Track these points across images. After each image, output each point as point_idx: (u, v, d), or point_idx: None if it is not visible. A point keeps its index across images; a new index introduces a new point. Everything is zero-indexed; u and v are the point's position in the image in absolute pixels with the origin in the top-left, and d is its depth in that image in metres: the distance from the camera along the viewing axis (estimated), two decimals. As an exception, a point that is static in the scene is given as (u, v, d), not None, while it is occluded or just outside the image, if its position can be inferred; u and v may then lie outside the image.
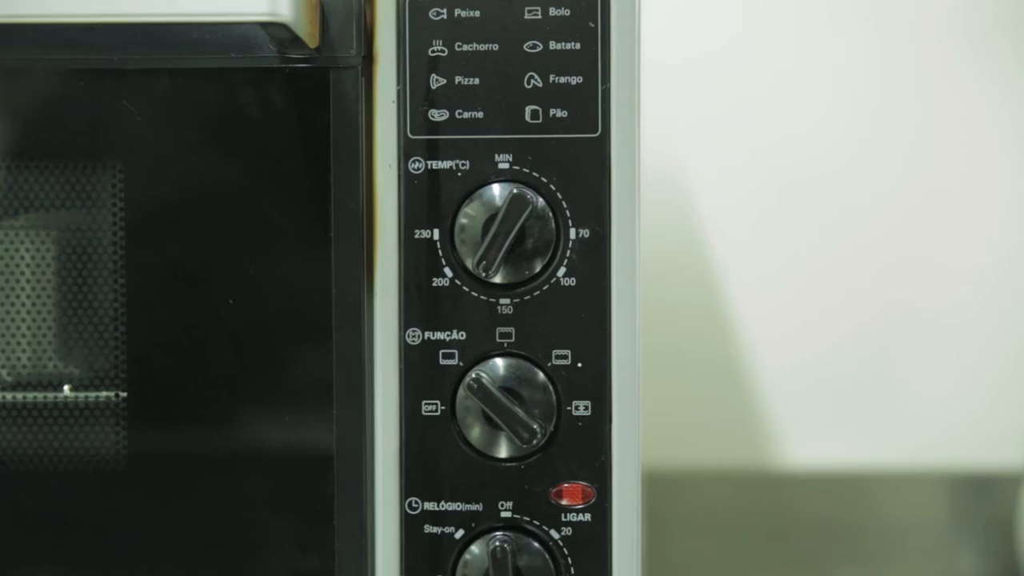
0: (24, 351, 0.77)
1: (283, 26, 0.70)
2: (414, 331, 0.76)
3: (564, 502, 0.75)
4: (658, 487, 1.23)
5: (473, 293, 0.75)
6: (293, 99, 0.75)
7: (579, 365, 0.75)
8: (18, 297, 0.77)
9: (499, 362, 0.75)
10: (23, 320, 0.77)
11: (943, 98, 1.25)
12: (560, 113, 0.75)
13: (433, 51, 0.75)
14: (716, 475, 1.28)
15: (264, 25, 0.72)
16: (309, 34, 0.73)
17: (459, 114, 0.75)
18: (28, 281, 0.77)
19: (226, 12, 0.69)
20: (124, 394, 0.77)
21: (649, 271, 0.96)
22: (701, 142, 1.26)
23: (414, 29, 0.75)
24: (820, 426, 1.28)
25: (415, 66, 0.75)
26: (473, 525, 0.76)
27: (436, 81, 0.75)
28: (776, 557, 1.25)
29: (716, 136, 1.25)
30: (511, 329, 0.75)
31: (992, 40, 1.25)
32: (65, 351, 0.77)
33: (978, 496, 1.27)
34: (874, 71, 1.25)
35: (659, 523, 1.23)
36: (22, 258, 0.77)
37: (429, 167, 0.75)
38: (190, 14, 0.69)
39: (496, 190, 0.75)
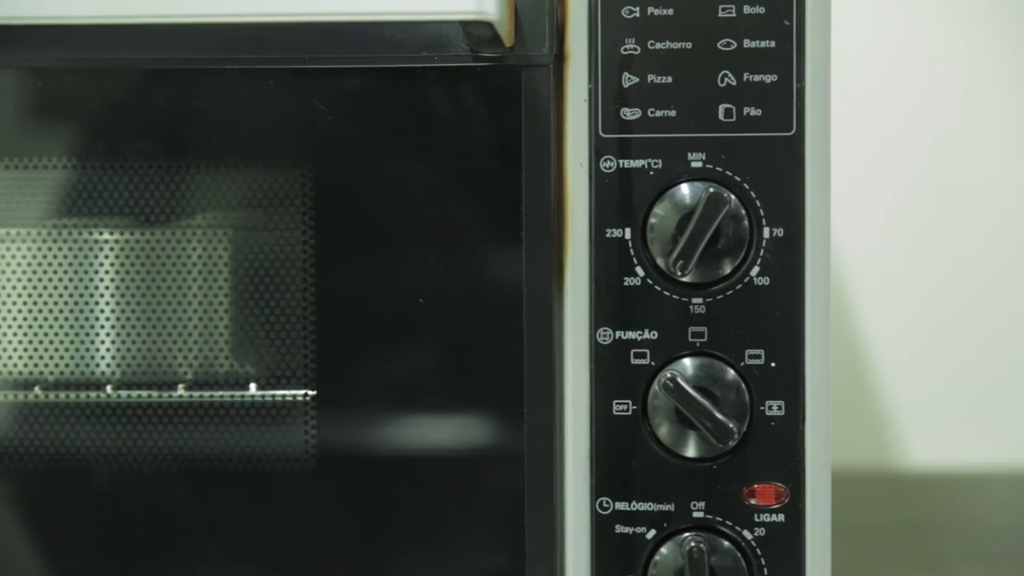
0: (210, 349, 0.78)
1: (486, 24, 0.70)
2: (605, 330, 0.75)
3: (757, 502, 0.75)
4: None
5: (665, 293, 0.75)
6: (484, 98, 0.75)
7: (772, 365, 0.75)
8: (210, 295, 0.77)
9: (691, 361, 0.75)
10: (207, 318, 0.77)
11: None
12: (754, 112, 0.74)
13: (626, 49, 0.75)
14: (840, 475, 1.27)
15: (465, 24, 0.72)
16: (508, 32, 0.72)
17: (651, 113, 0.75)
18: (201, 279, 0.77)
19: (433, 11, 0.69)
20: (313, 393, 0.77)
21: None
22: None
23: (606, 27, 0.75)
24: (943, 427, 1.28)
25: (607, 65, 0.75)
26: (665, 525, 0.75)
27: (628, 80, 0.75)
28: (901, 556, 1.24)
29: (846, 133, 1.25)
30: (703, 328, 0.75)
31: None
32: (252, 350, 0.77)
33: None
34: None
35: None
36: (191, 256, 0.77)
37: (621, 166, 0.75)
38: (397, 12, 0.69)
39: (689, 189, 0.74)
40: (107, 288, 0.78)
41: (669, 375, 0.74)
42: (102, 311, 0.78)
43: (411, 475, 0.76)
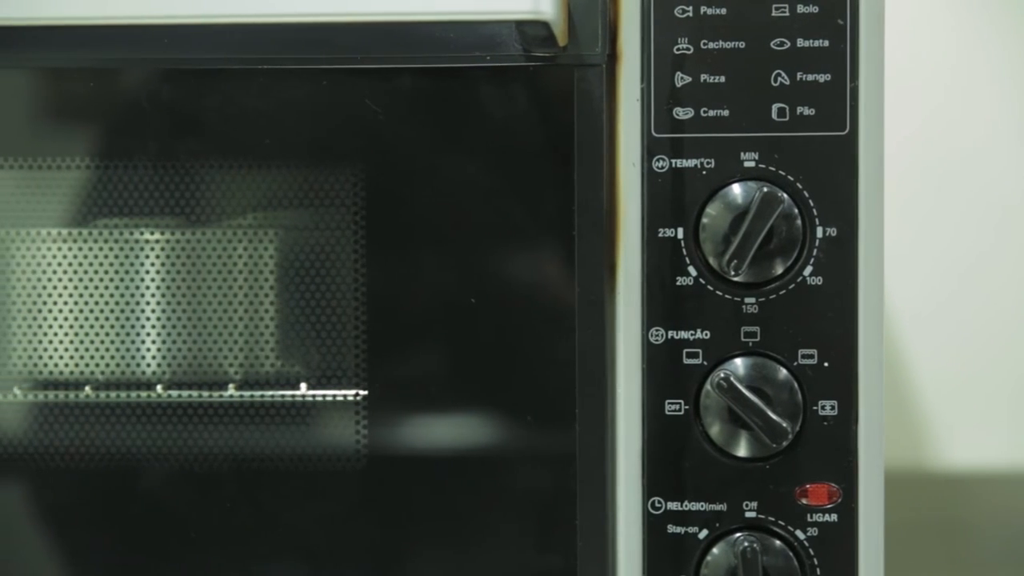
0: (260, 349, 0.78)
1: (542, 24, 0.70)
2: (657, 330, 0.75)
3: (809, 502, 0.75)
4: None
5: (718, 292, 0.75)
6: (537, 97, 0.75)
7: (825, 364, 0.75)
8: (260, 295, 0.77)
9: (743, 361, 0.75)
10: (257, 318, 0.77)
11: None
12: (807, 111, 0.74)
13: (678, 49, 0.74)
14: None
15: (520, 23, 0.72)
16: (562, 32, 0.72)
17: (704, 112, 0.75)
18: (252, 278, 0.77)
19: (490, 11, 0.69)
20: (364, 392, 0.77)
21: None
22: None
23: (659, 27, 0.74)
24: (979, 426, 1.27)
25: (660, 64, 0.75)
26: (717, 525, 0.75)
27: (681, 79, 0.75)
28: (939, 557, 1.24)
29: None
30: (756, 328, 0.75)
31: None
32: (303, 350, 0.77)
33: None
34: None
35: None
36: (243, 256, 0.77)
37: (673, 165, 0.75)
38: (453, 13, 0.69)
39: (742, 188, 0.74)
40: (157, 288, 0.78)
41: (722, 375, 0.74)
42: (152, 311, 0.78)
43: (462, 474, 0.76)
